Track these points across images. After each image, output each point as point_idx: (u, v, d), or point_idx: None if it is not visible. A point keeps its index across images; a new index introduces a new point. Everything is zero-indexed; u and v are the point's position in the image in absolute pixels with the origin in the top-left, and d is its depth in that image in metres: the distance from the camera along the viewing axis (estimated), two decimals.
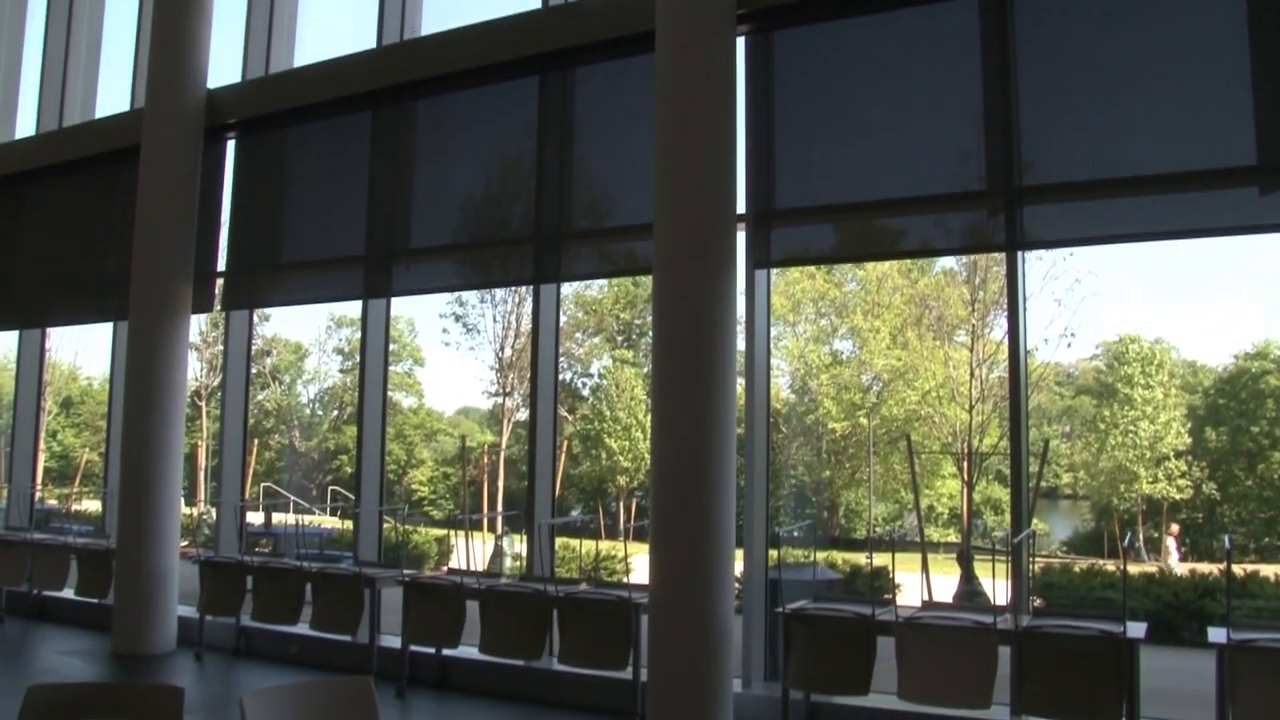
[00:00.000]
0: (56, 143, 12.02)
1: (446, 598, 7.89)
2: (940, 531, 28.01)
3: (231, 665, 8.98)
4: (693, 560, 6.62)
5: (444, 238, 9.12)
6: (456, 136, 9.21)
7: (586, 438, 28.22)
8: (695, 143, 6.92)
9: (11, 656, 9.54)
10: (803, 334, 26.00)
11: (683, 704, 6.55)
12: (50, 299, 12.06)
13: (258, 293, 10.36)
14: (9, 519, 12.83)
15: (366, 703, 3.73)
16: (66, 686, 3.73)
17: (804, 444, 27.81)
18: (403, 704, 7.67)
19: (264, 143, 10.36)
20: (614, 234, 8.26)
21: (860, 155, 7.42)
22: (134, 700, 3.60)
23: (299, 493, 25.34)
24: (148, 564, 9.32)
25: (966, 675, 6.04)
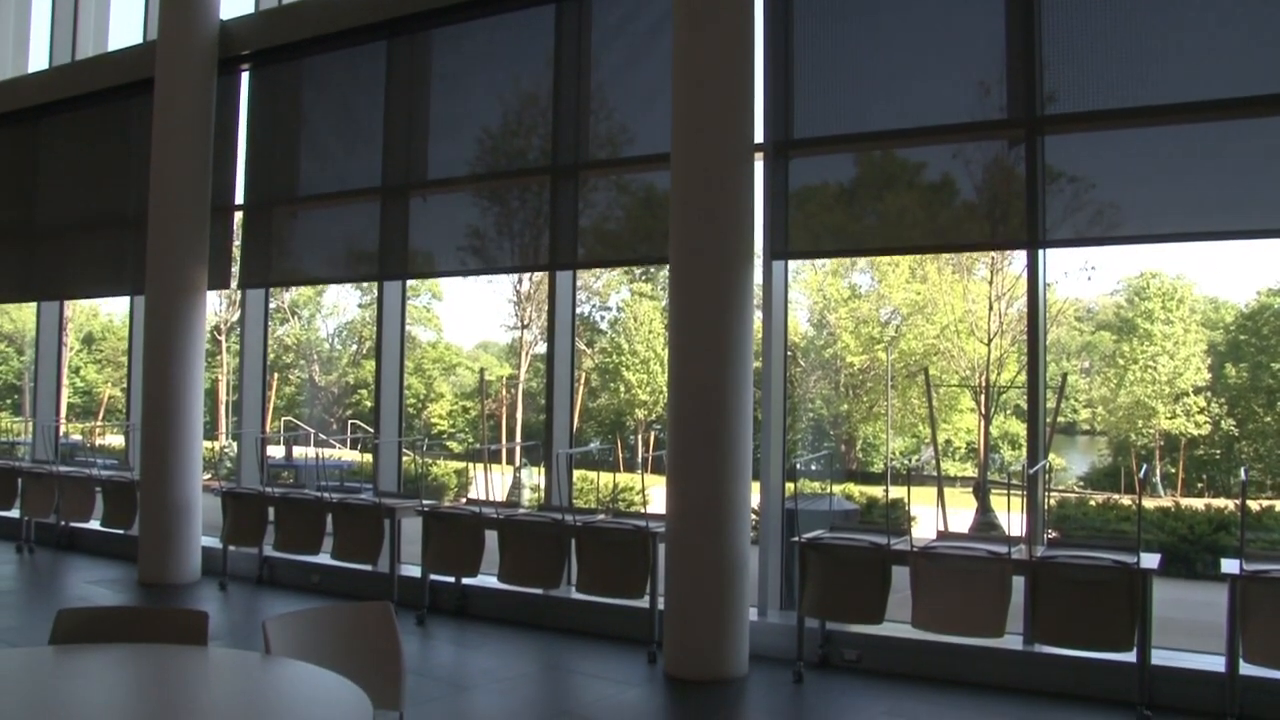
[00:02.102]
0: (70, 75, 11.97)
1: (465, 527, 7.98)
2: (957, 465, 28.09)
3: (255, 594, 9.14)
4: (710, 491, 6.66)
5: (461, 169, 9.07)
6: (472, 66, 9.13)
7: (605, 371, 28.27)
8: (714, 71, 6.84)
9: (42, 585, 9.73)
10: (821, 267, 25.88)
11: (699, 632, 6.63)
12: (68, 242, 12.07)
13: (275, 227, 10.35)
14: (35, 453, 13.00)
15: (387, 626, 3.79)
16: (95, 610, 3.80)
17: (822, 377, 27.82)
18: (423, 631, 7.79)
19: (278, 74, 10.30)
20: (631, 164, 8.20)
21: (880, 86, 7.31)
22: (160, 624, 3.67)
23: (319, 426, 25.55)
24: (171, 496, 9.44)
25: (980, 605, 6.09)
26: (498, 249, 8.88)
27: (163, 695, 3.20)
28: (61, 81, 12.02)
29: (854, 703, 6.26)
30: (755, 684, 6.55)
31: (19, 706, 3.01)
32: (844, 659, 6.84)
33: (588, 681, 6.74)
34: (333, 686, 3.03)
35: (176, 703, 3.15)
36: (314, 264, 10.14)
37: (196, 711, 3.11)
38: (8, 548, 11.14)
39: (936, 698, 6.20)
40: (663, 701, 6.37)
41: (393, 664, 3.72)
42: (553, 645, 7.50)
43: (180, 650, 3.45)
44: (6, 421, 21.14)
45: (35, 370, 13.79)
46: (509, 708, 6.17)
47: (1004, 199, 6.86)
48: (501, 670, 6.92)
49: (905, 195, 7.28)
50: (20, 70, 13.04)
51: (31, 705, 3.03)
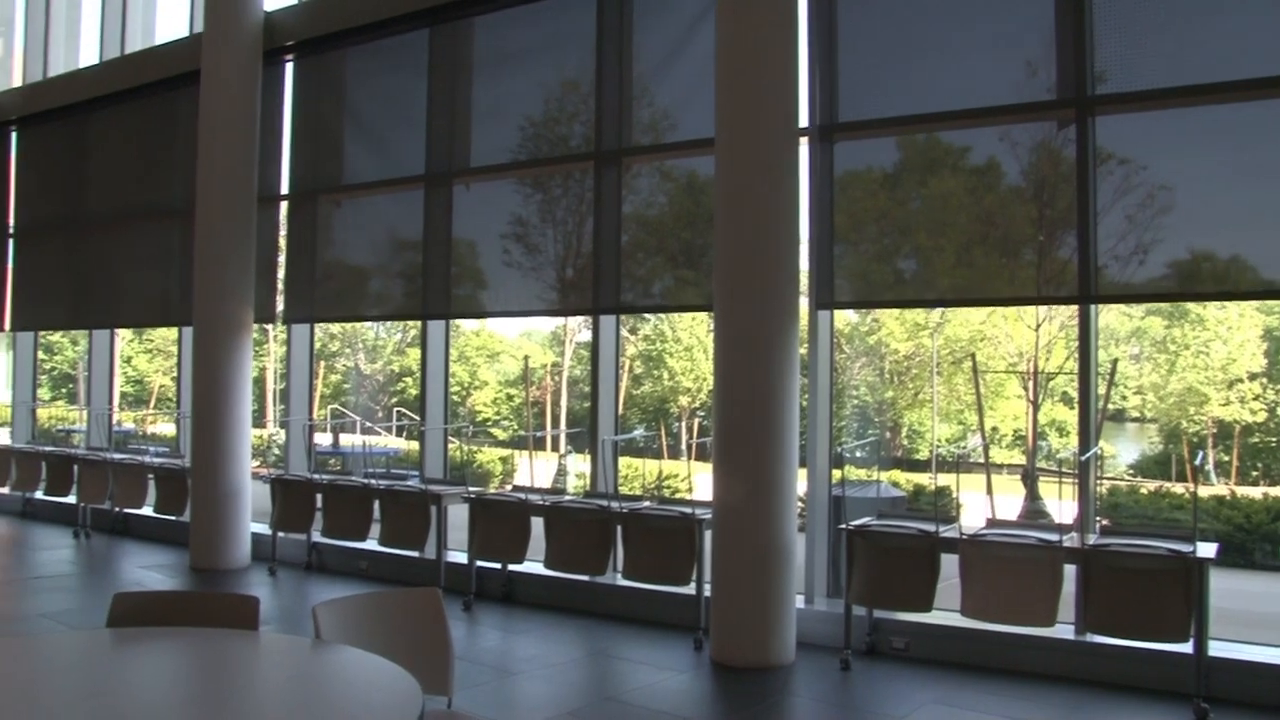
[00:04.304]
0: (119, 69, 12.12)
1: (512, 514, 8.00)
2: (1004, 452, 27.80)
3: (303, 579, 9.23)
4: (756, 477, 6.63)
5: (503, 156, 9.08)
6: (514, 53, 9.13)
7: (648, 358, 28.27)
8: (758, 54, 6.78)
9: (98, 569, 9.90)
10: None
11: (745, 620, 6.61)
12: (118, 234, 12.24)
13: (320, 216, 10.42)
14: (90, 440, 13.22)
15: (435, 612, 3.80)
16: (150, 594, 3.85)
17: (867, 364, 27.64)
18: (470, 617, 7.83)
19: (322, 64, 10.36)
20: (675, 149, 8.16)
21: (925, 67, 7.22)
22: (212, 608, 3.70)
23: (365, 414, 25.77)
24: (221, 483, 9.57)
25: (1031, 593, 6.01)
26: (540, 236, 8.88)
27: (216, 679, 3.23)
28: (111, 75, 12.18)
29: (902, 691, 6.21)
30: (802, 671, 6.52)
31: (77, 688, 3.05)
32: (892, 647, 6.79)
33: (634, 668, 6.74)
34: (383, 671, 3.04)
35: (230, 686, 3.18)
36: (359, 253, 10.18)
37: (250, 695, 3.14)
38: (65, 533, 11.35)
39: (986, 687, 6.13)
40: (709, 688, 6.35)
41: (441, 649, 3.73)
42: (598, 631, 7.51)
43: (232, 634, 3.48)
44: (62, 410, 21.50)
45: (89, 360, 14.02)
46: (555, 693, 6.19)
47: (1052, 182, 6.76)
48: (548, 656, 6.94)
49: (950, 179, 7.19)
50: (72, 65, 13.22)
51: (89, 687, 3.07)
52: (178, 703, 3.05)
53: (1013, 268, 6.98)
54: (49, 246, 13.21)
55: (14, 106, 13.33)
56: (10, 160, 13.60)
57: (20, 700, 2.98)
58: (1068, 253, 6.69)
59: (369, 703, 2.94)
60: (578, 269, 8.65)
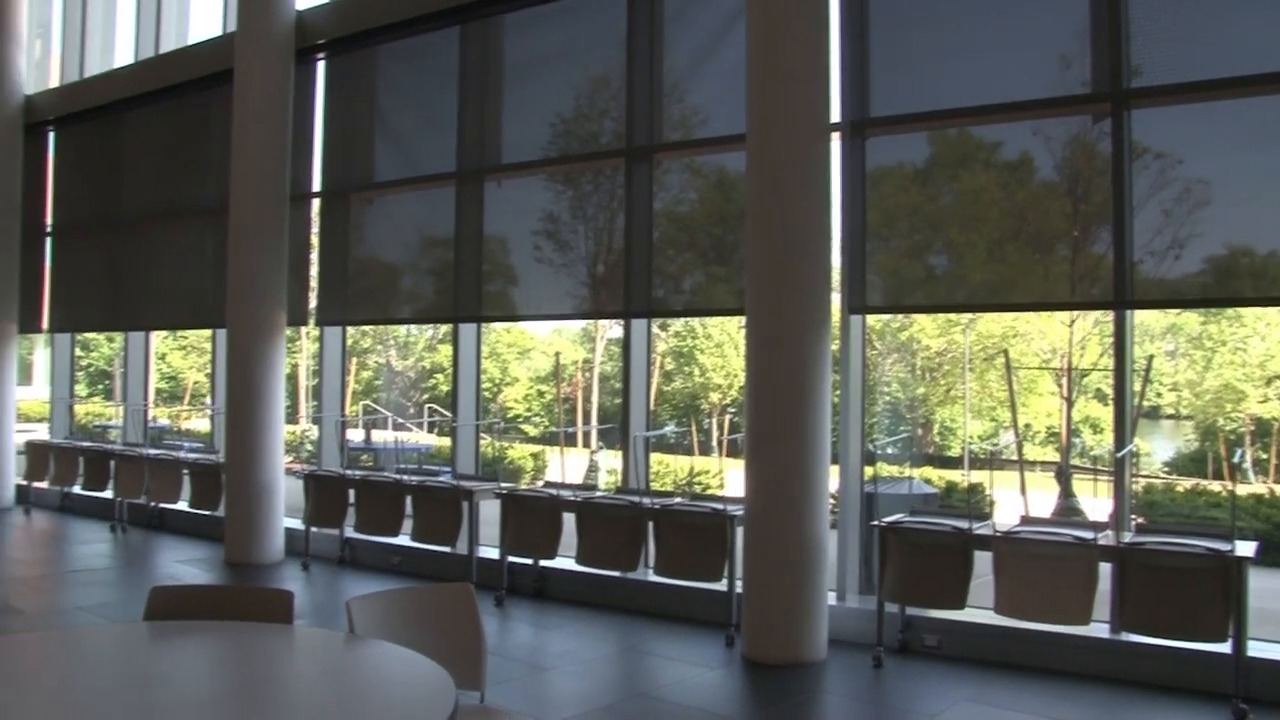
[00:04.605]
0: (153, 69, 12.24)
1: (544, 510, 8.02)
2: (1036, 449, 27.57)
3: (336, 574, 9.29)
4: (788, 473, 6.62)
5: (534, 153, 9.10)
6: (544, 50, 9.14)
7: (679, 354, 28.23)
8: (789, 50, 6.75)
9: (134, 563, 10.02)
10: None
11: (777, 616, 6.60)
12: (152, 233, 12.35)
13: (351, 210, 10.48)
14: (126, 436, 13.37)
15: (468, 607, 3.82)
16: (186, 588, 3.89)
17: (898, 360, 27.49)
18: (501, 612, 7.86)
19: (353, 62, 10.42)
20: (706, 145, 8.14)
21: (958, 61, 7.16)
22: (248, 602, 3.74)
23: (396, 410, 25.90)
24: (255, 478, 9.66)
25: (1066, 591, 5.96)
26: (571, 233, 8.89)
27: (252, 671, 3.25)
28: (145, 75, 12.30)
29: (935, 689, 6.18)
30: (834, 668, 6.50)
31: (116, 680, 3.09)
32: (924, 645, 6.76)
33: (665, 664, 6.74)
34: (417, 666, 3.06)
35: (266, 679, 3.21)
36: (391, 251, 10.23)
37: (285, 688, 3.16)
38: (102, 527, 11.49)
39: (1019, 685, 6.09)
40: (741, 684, 6.35)
41: (474, 645, 3.74)
42: (630, 627, 7.52)
43: (267, 628, 3.51)
44: (99, 406, 21.74)
45: (125, 357, 14.17)
46: (587, 689, 6.20)
47: (1086, 177, 6.69)
48: (580, 652, 6.95)
49: (982, 174, 7.14)
50: (107, 66, 13.35)
51: (127, 679, 3.11)
52: (214, 695, 3.08)
53: (1046, 263, 6.92)
54: (85, 246, 13.36)
55: (51, 107, 13.49)
56: (48, 160, 13.76)
57: (61, 691, 3.02)
58: (1102, 248, 6.62)
59: (403, 697, 2.95)
60: (609, 265, 8.66)
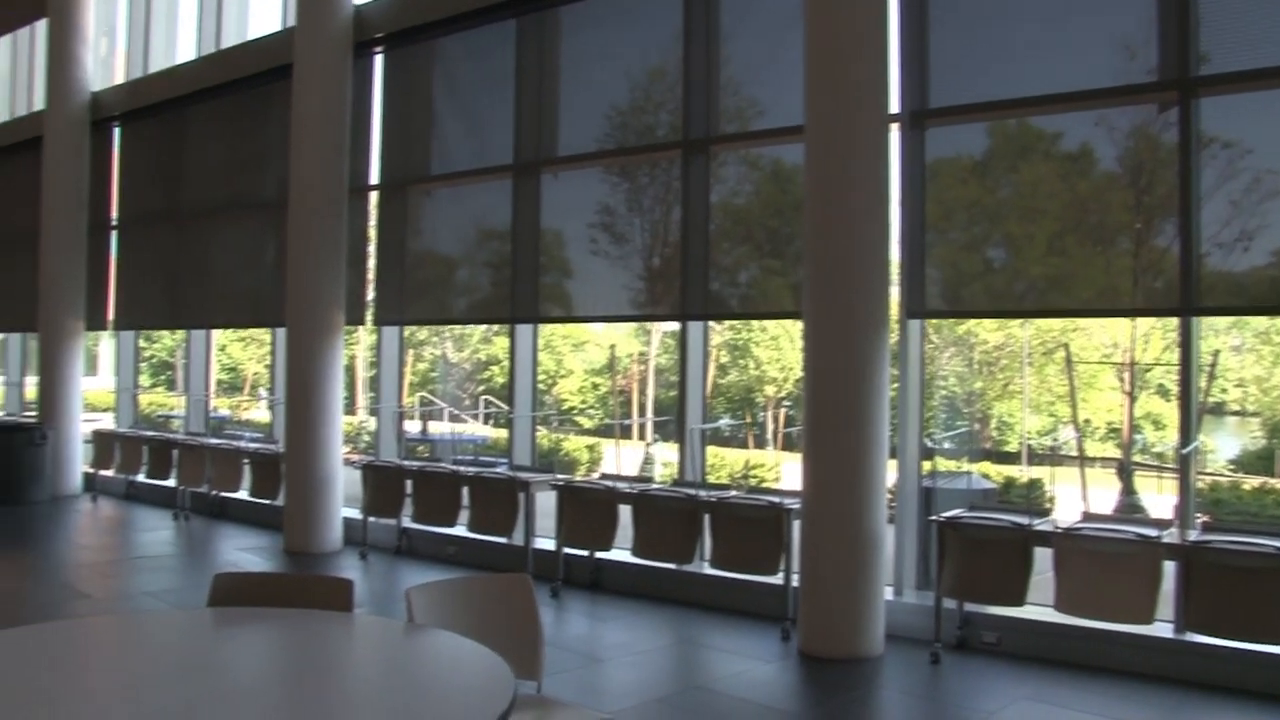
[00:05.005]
0: (215, 64, 12.41)
1: (600, 502, 8.04)
2: (1096, 445, 27.13)
3: (394, 563, 9.39)
4: (845, 467, 6.57)
5: (590, 146, 9.10)
6: (600, 42, 9.14)
7: (734, 348, 28.15)
8: (848, 39, 6.69)
9: (196, 550, 10.20)
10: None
11: (834, 610, 6.56)
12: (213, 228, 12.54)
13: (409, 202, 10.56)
14: (188, 425, 13.61)
15: (526, 597, 3.84)
16: (248, 575, 3.95)
17: (955, 354, 27.17)
18: (557, 603, 7.89)
19: (411, 56, 10.49)
20: (763, 136, 8.09)
21: (1019, 50, 7.04)
22: (309, 589, 3.78)
23: (452, 401, 26.08)
24: (314, 468, 9.78)
25: (1128, 589, 5.86)
26: (627, 225, 8.89)
27: (314, 658, 3.29)
28: (207, 71, 12.47)
29: (993, 686, 6.11)
30: (891, 664, 6.45)
31: (181, 665, 3.14)
32: (982, 642, 6.67)
33: (721, 657, 6.73)
34: (476, 655, 3.08)
35: (327, 666, 3.25)
36: (448, 244, 10.30)
37: (347, 675, 3.20)
38: (165, 515, 11.71)
39: (1080, 684, 5.99)
40: (797, 678, 6.32)
41: (531, 635, 3.76)
42: (686, 620, 7.51)
43: (328, 616, 3.55)
44: (162, 396, 22.14)
45: (187, 348, 14.41)
46: (643, 680, 6.21)
47: (1150, 167, 6.56)
48: (635, 643, 6.96)
49: (1041, 165, 7.02)
50: (170, 62, 13.56)
51: (192, 664, 3.16)
52: (278, 681, 3.12)
53: (1108, 256, 6.80)
54: (148, 241, 13.58)
55: (117, 103, 13.73)
56: (113, 155, 14.01)
57: (128, 675, 3.08)
58: (1166, 240, 6.49)
59: (463, 686, 2.97)
60: (664, 259, 8.64)
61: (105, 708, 2.77)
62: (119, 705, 2.78)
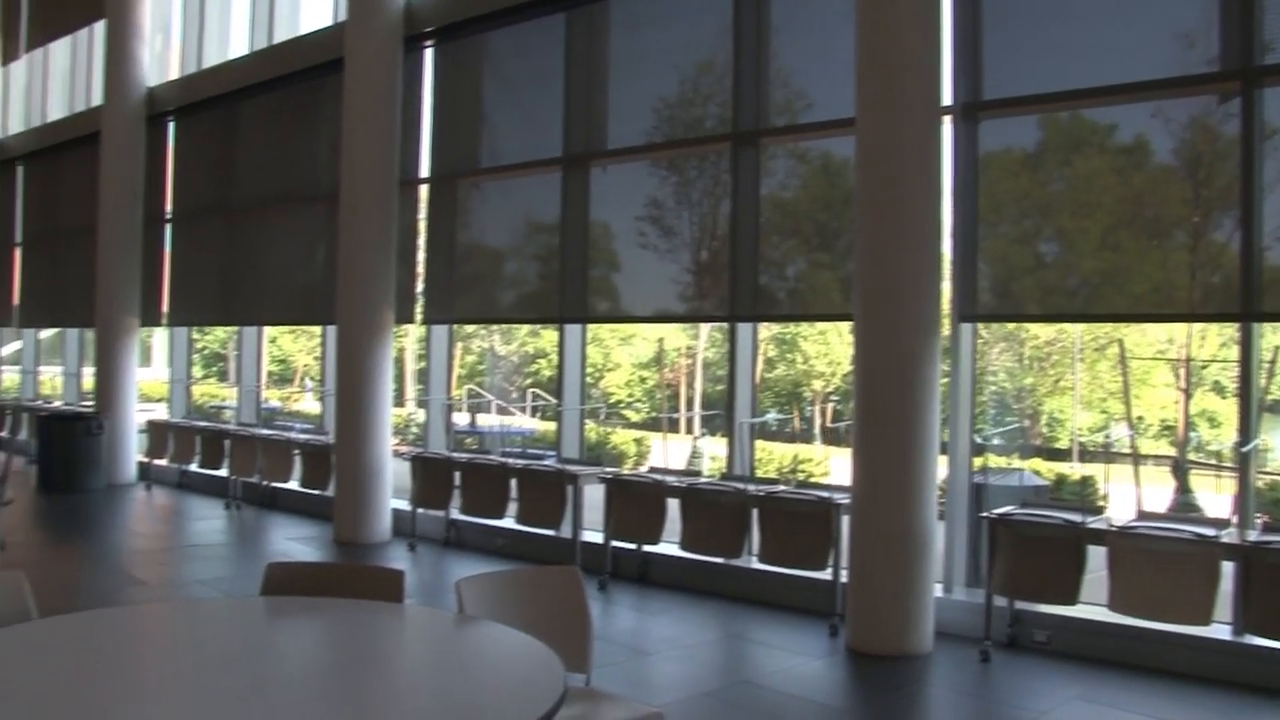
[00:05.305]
0: (267, 59, 12.54)
1: (648, 495, 8.03)
2: (1149, 443, 26.71)
3: (442, 555, 9.45)
4: (895, 463, 6.52)
5: (639, 139, 9.09)
6: (649, 35, 9.12)
7: (782, 342, 28.00)
8: (900, 29, 6.62)
9: (248, 540, 10.33)
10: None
11: (883, 607, 6.51)
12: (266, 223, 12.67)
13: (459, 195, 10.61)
14: (240, 416, 13.78)
15: (575, 590, 3.84)
16: (300, 565, 3.99)
17: (1005, 350, 26.86)
18: (605, 596, 7.90)
19: (461, 50, 10.53)
20: (814, 129, 8.03)
21: (1074, 41, 6.93)
22: (360, 580, 3.81)
23: (499, 394, 26.20)
24: (363, 459, 9.87)
25: (1185, 590, 5.76)
26: (675, 218, 8.87)
27: (366, 648, 3.31)
28: (260, 65, 12.61)
29: (1044, 685, 6.03)
30: (940, 661, 6.39)
31: (234, 653, 3.17)
32: (1033, 640, 6.59)
33: (769, 651, 6.71)
34: (526, 647, 3.08)
35: (380, 656, 3.27)
36: (497, 237, 10.34)
37: (399, 665, 3.22)
38: (217, 504, 11.87)
39: (1133, 685, 5.90)
40: (845, 675, 6.28)
41: (580, 627, 3.77)
42: (733, 614, 7.49)
43: (379, 606, 3.57)
44: (214, 388, 22.44)
45: (239, 340, 14.60)
46: (690, 674, 6.20)
47: (1208, 159, 6.43)
48: (683, 637, 6.96)
49: (1095, 159, 6.91)
50: (224, 57, 13.72)
51: (245, 652, 3.20)
52: (330, 670, 3.15)
53: (1164, 250, 6.68)
54: (201, 235, 13.76)
55: (172, 98, 13.91)
56: (168, 150, 14.21)
57: (184, 660, 3.13)
58: (1225, 234, 6.36)
59: (514, 677, 2.98)
60: (713, 252, 8.62)
61: (160, 693, 2.80)
62: (174, 691, 2.81)
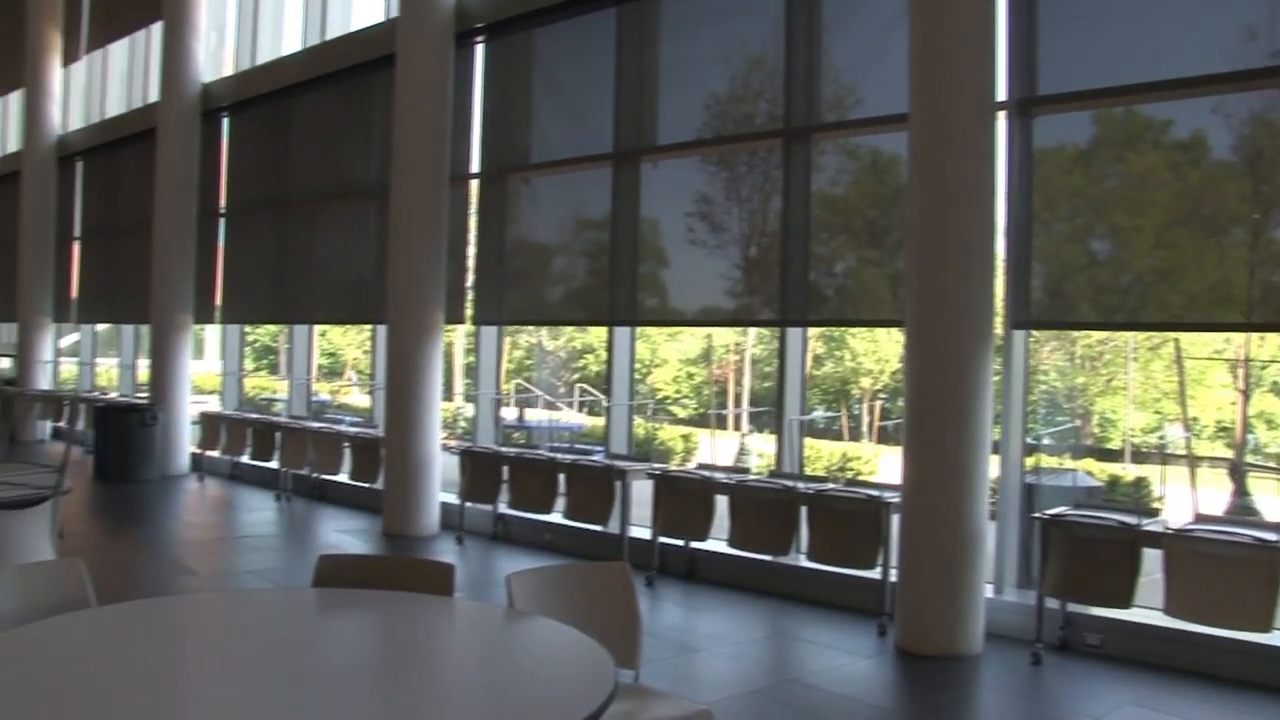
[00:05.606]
0: (319, 55, 12.66)
1: (696, 492, 8.01)
2: (1204, 445, 26.26)
3: (490, 549, 9.49)
4: (946, 462, 6.45)
5: (689, 134, 9.06)
6: (699, 31, 9.09)
7: (830, 339, 27.85)
8: (953, 24, 6.54)
9: (298, 531, 10.46)
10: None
11: (933, 607, 6.45)
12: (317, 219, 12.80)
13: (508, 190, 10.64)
14: (290, 409, 13.93)
15: (624, 586, 3.83)
16: (352, 557, 4.02)
17: (1056, 348, 26.53)
18: (652, 592, 7.89)
19: (511, 46, 10.57)
20: (866, 125, 7.96)
21: (1131, 34, 6.80)
22: (410, 573, 3.82)
23: (547, 389, 26.29)
24: (412, 454, 9.93)
25: (1245, 595, 5.64)
26: (725, 214, 8.84)
27: (418, 641, 3.33)
28: (312, 62, 12.73)
29: (1096, 690, 5.93)
30: (990, 663, 6.32)
31: (287, 643, 3.20)
32: (1085, 643, 6.50)
33: (817, 650, 6.67)
34: (577, 643, 3.08)
35: (431, 649, 3.28)
36: (546, 233, 10.36)
37: (451, 658, 3.23)
38: (268, 496, 12.01)
39: (1190, 692, 5.78)
40: (894, 674, 6.23)
41: (630, 623, 3.76)
42: (781, 612, 7.46)
43: (430, 599, 3.59)
44: (265, 380, 22.71)
45: (290, 333, 14.75)
46: (738, 671, 6.18)
47: (1269, 155, 6.29)
48: (730, 634, 6.94)
49: (1150, 155, 6.79)
50: (277, 53, 13.87)
51: (299, 642, 3.22)
52: (381, 662, 3.16)
53: (1222, 247, 6.55)
54: (254, 230, 13.93)
55: (226, 94, 14.09)
56: (222, 145, 14.39)
57: (236, 649, 3.16)
58: None
59: (565, 672, 2.98)
60: (762, 248, 8.58)
61: (214, 682, 2.83)
62: (227, 680, 2.84)
